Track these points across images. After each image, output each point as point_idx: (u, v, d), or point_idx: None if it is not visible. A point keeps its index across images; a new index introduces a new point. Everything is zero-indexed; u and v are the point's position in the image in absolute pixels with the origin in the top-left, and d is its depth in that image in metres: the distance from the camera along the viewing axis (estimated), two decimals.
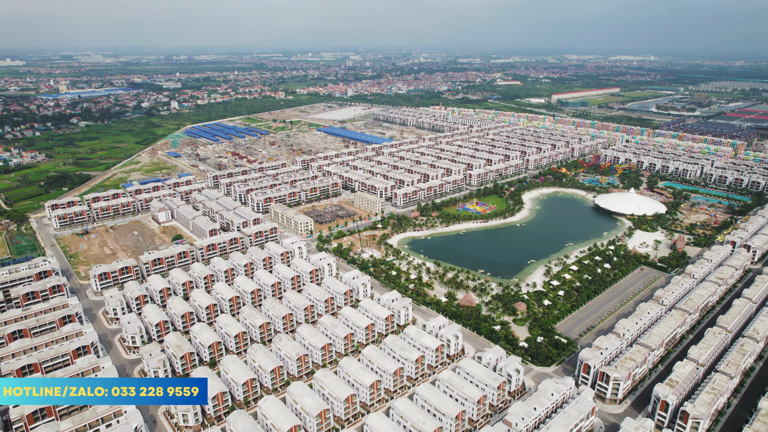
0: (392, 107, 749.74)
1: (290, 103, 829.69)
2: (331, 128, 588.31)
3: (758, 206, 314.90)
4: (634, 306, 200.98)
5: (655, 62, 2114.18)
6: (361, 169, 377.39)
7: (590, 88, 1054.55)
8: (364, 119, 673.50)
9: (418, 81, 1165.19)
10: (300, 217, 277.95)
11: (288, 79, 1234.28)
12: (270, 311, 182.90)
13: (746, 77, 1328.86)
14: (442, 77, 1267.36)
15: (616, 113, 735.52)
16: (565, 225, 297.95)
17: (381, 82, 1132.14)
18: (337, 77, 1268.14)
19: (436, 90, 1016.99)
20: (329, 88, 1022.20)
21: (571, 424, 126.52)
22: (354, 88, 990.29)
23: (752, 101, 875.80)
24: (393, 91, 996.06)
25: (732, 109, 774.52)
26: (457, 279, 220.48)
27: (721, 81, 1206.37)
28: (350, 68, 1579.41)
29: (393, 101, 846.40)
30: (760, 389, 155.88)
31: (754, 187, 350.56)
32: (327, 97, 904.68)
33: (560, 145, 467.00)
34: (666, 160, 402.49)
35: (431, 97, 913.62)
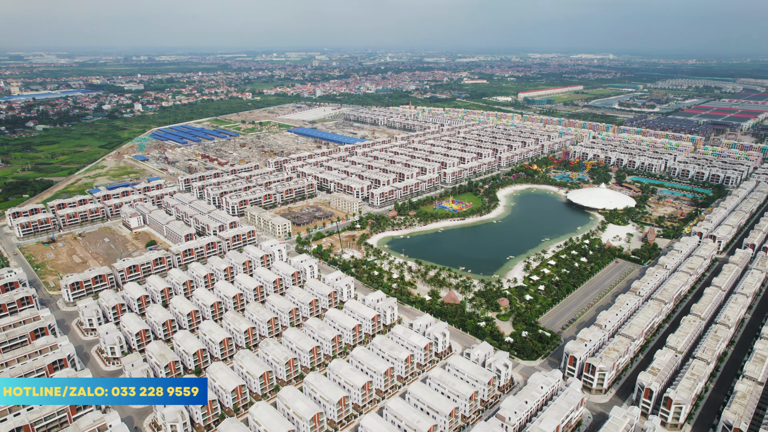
0: (362, 107, 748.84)
1: (258, 103, 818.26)
2: (301, 129, 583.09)
3: (719, 198, 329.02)
4: (612, 298, 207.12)
5: (615, 60, 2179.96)
6: (336, 169, 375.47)
7: (555, 86, 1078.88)
8: (335, 119, 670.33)
9: (386, 80, 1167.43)
10: (277, 219, 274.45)
11: (254, 80, 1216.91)
12: (254, 316, 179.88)
13: (698, 75, 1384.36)
14: (409, 76, 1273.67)
15: (581, 110, 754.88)
16: (540, 221, 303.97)
17: (349, 82, 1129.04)
18: (304, 77, 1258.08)
19: (405, 89, 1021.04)
20: (297, 88, 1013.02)
21: (562, 416, 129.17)
22: (322, 88, 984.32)
23: (706, 98, 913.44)
24: (361, 90, 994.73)
25: (688, 105, 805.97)
26: (440, 277, 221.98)
27: (676, 79, 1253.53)
28: (317, 68, 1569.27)
29: (362, 101, 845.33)
30: (733, 372, 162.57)
31: (714, 180, 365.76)
32: (295, 98, 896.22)
33: (530, 142, 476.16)
34: (632, 155, 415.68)
35: (400, 96, 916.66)
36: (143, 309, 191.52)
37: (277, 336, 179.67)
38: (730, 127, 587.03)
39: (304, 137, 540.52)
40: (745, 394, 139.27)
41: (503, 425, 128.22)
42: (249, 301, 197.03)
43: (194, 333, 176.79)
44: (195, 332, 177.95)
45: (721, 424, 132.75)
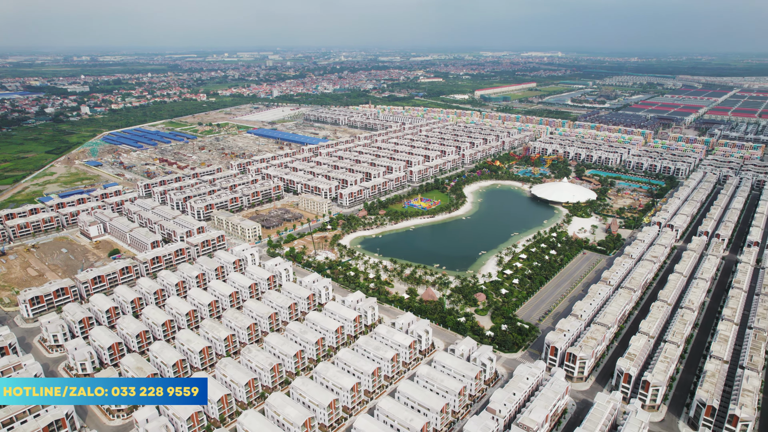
0: (321, 107, 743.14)
1: (214, 105, 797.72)
2: (261, 130, 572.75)
3: (672, 189, 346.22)
4: (583, 288, 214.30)
5: (563, 58, 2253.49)
6: (302, 170, 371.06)
7: (509, 84, 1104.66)
8: (295, 120, 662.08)
9: (342, 80, 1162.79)
10: (246, 222, 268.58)
11: (207, 81, 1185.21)
12: (233, 322, 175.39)
13: (641, 72, 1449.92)
14: (366, 76, 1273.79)
15: (536, 107, 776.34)
16: (507, 216, 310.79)
17: (305, 82, 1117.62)
18: (259, 77, 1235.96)
19: (362, 89, 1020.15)
20: (252, 88, 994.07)
21: (549, 405, 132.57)
22: (279, 89, 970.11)
23: (650, 93, 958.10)
24: (319, 90, 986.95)
25: (635, 101, 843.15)
26: (416, 275, 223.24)
27: (621, 75, 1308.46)
28: (271, 68, 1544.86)
29: (321, 101, 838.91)
30: (699, 353, 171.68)
31: (666, 171, 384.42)
32: (252, 98, 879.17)
33: (491, 139, 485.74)
34: (589, 149, 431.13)
35: (358, 95, 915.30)
36: (113, 321, 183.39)
37: (257, 342, 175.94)
38: (675, 121, 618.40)
39: (264, 138, 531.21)
40: (714, 372, 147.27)
41: (494, 418, 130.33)
42: (225, 308, 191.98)
43: (171, 343, 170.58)
44: (171, 342, 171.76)
45: (695, 402, 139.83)
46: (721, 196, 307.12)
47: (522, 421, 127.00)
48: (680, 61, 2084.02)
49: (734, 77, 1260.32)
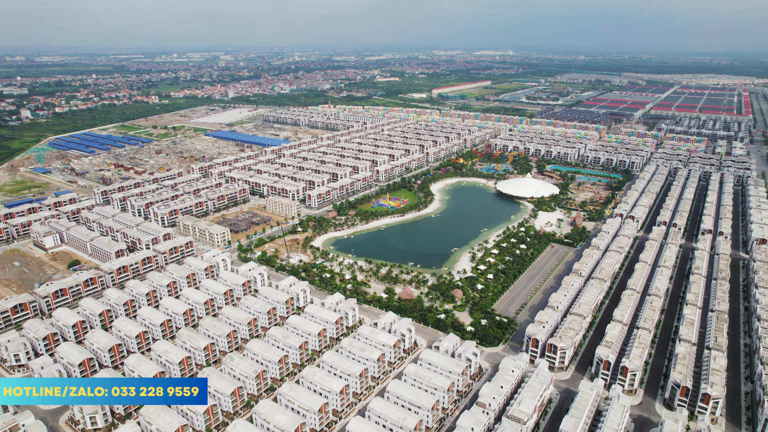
0: (279, 107, 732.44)
1: (167, 107, 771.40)
2: (220, 132, 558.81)
3: (629, 181, 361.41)
4: (555, 280, 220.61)
5: (514, 56, 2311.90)
6: (266, 172, 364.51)
7: (464, 82, 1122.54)
8: (253, 121, 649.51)
9: (299, 80, 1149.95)
10: (215, 227, 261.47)
11: (158, 82, 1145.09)
12: (210, 331, 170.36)
13: (589, 70, 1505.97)
14: (322, 75, 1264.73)
15: (493, 104, 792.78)
16: (475, 212, 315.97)
17: (261, 83, 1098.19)
18: (212, 78, 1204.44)
19: (320, 88, 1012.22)
20: (207, 90, 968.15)
21: (537, 396, 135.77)
22: (234, 90, 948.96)
23: (600, 90, 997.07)
24: (276, 91, 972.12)
25: (587, 97, 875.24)
26: (392, 274, 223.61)
27: (571, 73, 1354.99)
28: (224, 69, 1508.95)
29: (278, 101, 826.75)
30: (668, 337, 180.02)
31: (622, 165, 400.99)
32: (206, 100, 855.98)
33: (453, 137, 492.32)
34: (548, 145, 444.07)
35: (316, 95, 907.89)
36: (80, 336, 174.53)
37: (237, 350, 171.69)
38: (625, 116, 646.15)
39: (224, 141, 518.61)
40: (684, 355, 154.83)
41: (485, 412, 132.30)
42: (201, 316, 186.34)
43: (147, 355, 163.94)
44: (147, 354, 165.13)
45: (669, 384, 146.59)
46: (674, 188, 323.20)
47: (512, 413, 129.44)
48: (623, 59, 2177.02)
49: (673, 74, 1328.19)
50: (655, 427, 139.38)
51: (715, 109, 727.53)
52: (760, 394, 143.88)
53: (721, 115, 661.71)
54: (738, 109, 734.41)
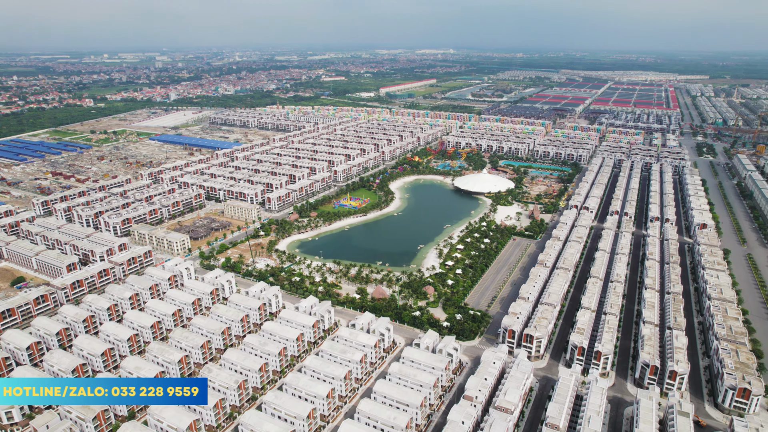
0: (226, 109, 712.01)
1: (104, 111, 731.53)
2: (165, 136, 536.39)
3: (578, 174, 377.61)
4: (520, 272, 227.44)
5: (456, 55, 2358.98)
6: (221, 176, 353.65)
7: (410, 81, 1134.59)
8: (199, 123, 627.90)
9: (242, 81, 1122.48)
10: (173, 235, 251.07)
11: (90, 84, 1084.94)
12: (183, 343, 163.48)
13: (528, 67, 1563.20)
14: (266, 76, 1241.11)
15: (440, 102, 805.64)
16: (436, 209, 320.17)
17: (203, 84, 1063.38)
18: (150, 80, 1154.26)
19: (265, 89, 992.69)
20: (146, 92, 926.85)
21: (520, 385, 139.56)
22: (176, 92, 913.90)
23: (541, 87, 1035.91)
24: (219, 92, 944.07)
25: (529, 94, 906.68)
26: (362, 274, 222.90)
27: (512, 71, 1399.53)
28: (161, 70, 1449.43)
29: (223, 103, 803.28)
30: (631, 320, 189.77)
31: (570, 158, 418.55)
32: (147, 103, 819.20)
33: (406, 135, 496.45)
34: (499, 141, 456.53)
35: (262, 96, 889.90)
36: (36, 359, 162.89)
37: (212, 360, 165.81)
38: (568, 111, 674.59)
39: (171, 145, 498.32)
40: (650, 336, 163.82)
41: (473, 404, 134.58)
42: (170, 328, 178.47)
43: (116, 373, 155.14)
44: (116, 373, 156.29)
45: (639, 364, 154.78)
46: (621, 179, 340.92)
47: (500, 404, 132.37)
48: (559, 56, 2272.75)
49: (606, 71, 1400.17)
50: (630, 405, 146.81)
51: (647, 103, 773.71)
52: (718, 367, 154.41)
53: (653, 109, 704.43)
54: (666, 103, 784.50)
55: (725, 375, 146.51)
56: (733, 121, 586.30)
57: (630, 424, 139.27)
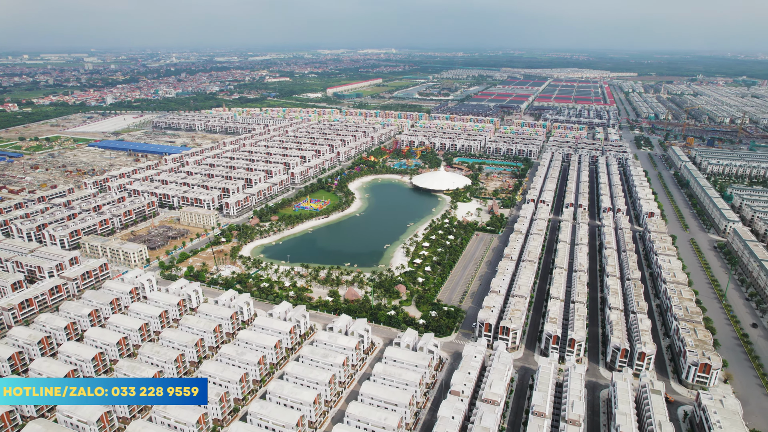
0: (169, 113, 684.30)
1: (32, 116, 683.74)
2: (106, 142, 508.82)
3: (530, 168, 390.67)
4: (487, 266, 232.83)
5: (398, 54, 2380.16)
6: (173, 182, 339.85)
7: (356, 81, 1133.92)
8: (142, 128, 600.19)
9: (183, 83, 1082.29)
10: (129, 246, 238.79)
11: (11, 88, 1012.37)
12: (154, 358, 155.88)
13: (470, 66, 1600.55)
14: (207, 77, 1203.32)
15: (389, 102, 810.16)
16: (398, 208, 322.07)
17: (141, 87, 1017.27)
18: (81, 83, 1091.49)
19: (208, 91, 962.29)
20: (78, 95, 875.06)
21: (503, 377, 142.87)
22: (112, 95, 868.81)
23: (484, 85, 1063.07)
24: (160, 95, 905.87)
25: (475, 92, 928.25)
26: (332, 276, 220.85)
27: (455, 69, 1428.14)
28: (93, 72, 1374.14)
29: (165, 106, 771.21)
30: (596, 307, 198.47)
31: (521, 154, 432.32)
32: (80, 107, 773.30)
33: (359, 135, 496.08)
34: (452, 139, 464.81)
35: (205, 98, 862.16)
36: None
37: (186, 374, 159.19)
38: (513, 108, 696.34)
39: (113, 151, 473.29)
40: (617, 321, 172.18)
41: (461, 399, 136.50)
42: (138, 344, 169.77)
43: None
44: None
45: (610, 348, 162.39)
46: (571, 172, 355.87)
47: (486, 397, 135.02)
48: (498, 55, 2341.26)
49: (544, 69, 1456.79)
50: (604, 388, 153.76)
51: (586, 99, 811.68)
52: (679, 345, 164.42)
53: (593, 105, 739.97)
54: (603, 99, 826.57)
55: (687, 352, 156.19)
56: (664, 116, 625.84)
57: (606, 405, 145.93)
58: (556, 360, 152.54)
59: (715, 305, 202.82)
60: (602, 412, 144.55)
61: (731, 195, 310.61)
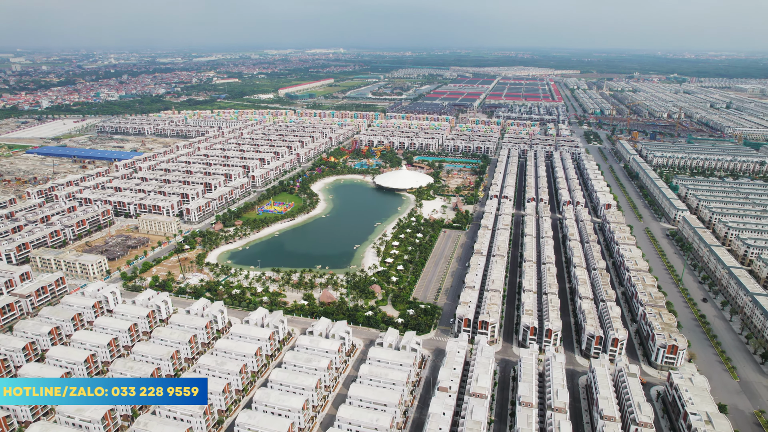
0: (114, 116, 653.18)
1: None
2: (47, 148, 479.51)
3: (489, 165, 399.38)
4: (458, 263, 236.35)
5: (347, 54, 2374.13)
6: (128, 189, 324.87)
7: (307, 81, 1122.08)
8: (85, 133, 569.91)
9: (126, 85, 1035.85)
10: (87, 257, 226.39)
11: None
12: (128, 374, 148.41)
13: (419, 65, 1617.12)
14: (151, 79, 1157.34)
15: (343, 102, 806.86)
16: (363, 208, 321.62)
17: (79, 89, 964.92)
18: (10, 85, 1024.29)
19: (154, 93, 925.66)
20: (8, 99, 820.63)
21: (488, 371, 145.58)
22: (48, 98, 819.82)
23: (435, 84, 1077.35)
24: (102, 98, 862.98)
25: (427, 90, 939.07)
26: (305, 280, 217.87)
27: (405, 68, 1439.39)
28: (22, 73, 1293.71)
29: (108, 110, 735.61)
30: (566, 297, 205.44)
31: (479, 151, 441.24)
32: (12, 111, 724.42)
33: (317, 136, 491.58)
34: (410, 138, 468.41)
35: (152, 101, 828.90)
36: None
37: None
38: (466, 106, 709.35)
39: (56, 158, 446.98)
40: (589, 310, 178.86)
41: (449, 395, 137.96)
42: (108, 360, 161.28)
43: (50, 418, 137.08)
44: (51, 416, 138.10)
45: (585, 336, 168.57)
46: (529, 167, 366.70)
47: (474, 391, 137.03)
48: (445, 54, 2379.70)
49: (492, 67, 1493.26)
50: (582, 375, 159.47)
51: (534, 96, 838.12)
52: (647, 330, 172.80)
53: (542, 102, 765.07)
54: (551, 96, 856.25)
55: (655, 336, 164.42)
56: (609, 111, 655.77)
57: (586, 391, 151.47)
58: (536, 351, 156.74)
59: (673, 289, 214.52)
60: (582, 398, 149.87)
61: (677, 185, 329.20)
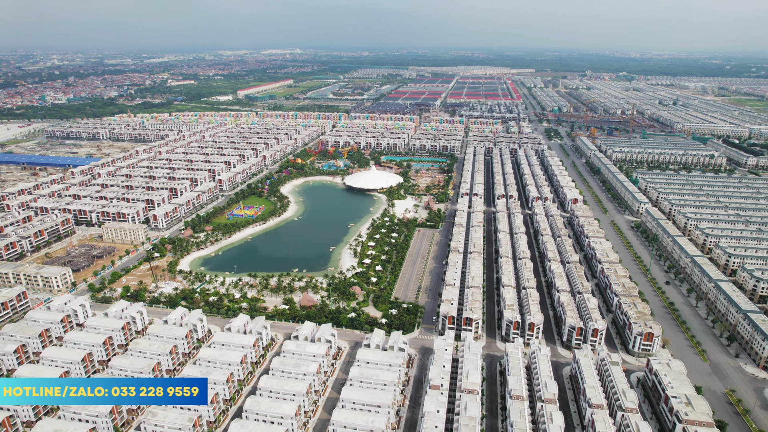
0: (64, 121, 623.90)
1: None
2: None
3: (456, 163, 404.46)
4: (434, 261, 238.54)
5: (304, 54, 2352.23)
6: (88, 197, 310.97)
7: (266, 82, 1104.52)
8: (33, 138, 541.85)
9: (74, 88, 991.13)
10: (50, 269, 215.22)
11: None
12: None
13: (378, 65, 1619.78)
14: (101, 81, 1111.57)
15: (304, 103, 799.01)
16: (335, 209, 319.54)
17: (22, 92, 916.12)
18: None
19: (106, 96, 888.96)
20: None
21: (477, 366, 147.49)
22: None
23: (395, 83, 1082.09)
24: (48, 101, 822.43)
25: (388, 90, 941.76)
26: (283, 284, 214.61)
27: (364, 69, 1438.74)
28: None
29: (57, 114, 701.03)
30: (543, 290, 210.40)
31: (445, 150, 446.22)
32: None
33: (282, 137, 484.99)
34: (376, 138, 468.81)
35: (104, 104, 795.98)
36: None
37: None
38: (429, 106, 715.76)
39: (3, 165, 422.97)
40: (568, 302, 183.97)
41: (441, 393, 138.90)
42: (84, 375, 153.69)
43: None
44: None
45: (566, 328, 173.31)
46: (496, 165, 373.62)
47: (465, 387, 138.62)
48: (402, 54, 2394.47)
49: (450, 67, 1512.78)
50: (565, 366, 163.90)
51: (494, 95, 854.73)
52: (624, 319, 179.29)
53: (501, 100, 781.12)
54: (510, 94, 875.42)
55: (632, 324, 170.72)
56: (567, 108, 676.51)
57: (571, 381, 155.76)
58: (521, 344, 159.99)
59: (642, 279, 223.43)
60: (568, 388, 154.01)
61: (637, 179, 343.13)
